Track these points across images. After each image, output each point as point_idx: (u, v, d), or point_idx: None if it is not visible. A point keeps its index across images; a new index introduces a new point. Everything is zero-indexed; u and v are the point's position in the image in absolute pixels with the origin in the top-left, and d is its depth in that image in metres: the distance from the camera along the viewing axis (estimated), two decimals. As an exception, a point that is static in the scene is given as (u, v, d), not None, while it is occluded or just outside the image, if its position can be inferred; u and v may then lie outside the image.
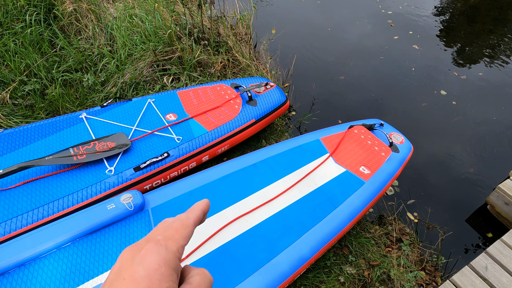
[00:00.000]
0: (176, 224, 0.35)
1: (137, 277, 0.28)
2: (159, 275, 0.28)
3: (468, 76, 4.07)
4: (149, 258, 0.29)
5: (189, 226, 0.35)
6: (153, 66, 3.05)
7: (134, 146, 2.18)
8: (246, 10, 4.38)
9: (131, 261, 0.30)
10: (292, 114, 3.46)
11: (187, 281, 0.33)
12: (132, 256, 0.30)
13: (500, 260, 2.02)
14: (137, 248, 0.31)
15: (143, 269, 0.29)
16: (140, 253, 0.30)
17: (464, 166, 3.08)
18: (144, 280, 0.28)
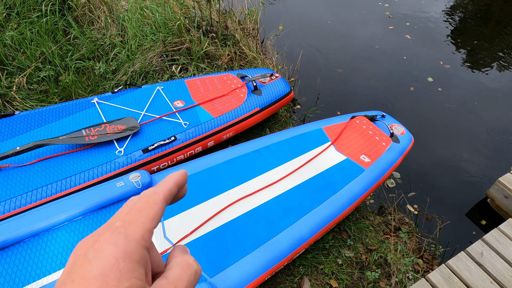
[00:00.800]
0: (140, 204, 0.28)
1: (88, 277, 0.23)
2: (116, 273, 0.23)
3: (478, 77, 4.09)
4: (104, 251, 0.23)
5: (156, 203, 0.28)
6: (162, 56, 3.14)
7: (143, 130, 2.27)
8: (254, 5, 4.46)
9: (83, 256, 0.24)
10: (297, 107, 3.53)
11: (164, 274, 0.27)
12: (86, 250, 0.24)
13: (496, 247, 2.07)
14: (93, 240, 0.25)
15: (95, 267, 0.23)
16: (94, 246, 0.24)
17: (467, 160, 3.12)
18: (97, 281, 0.22)
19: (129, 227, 0.25)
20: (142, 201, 0.28)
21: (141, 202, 0.28)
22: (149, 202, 0.28)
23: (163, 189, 0.30)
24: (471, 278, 1.91)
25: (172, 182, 0.31)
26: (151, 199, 0.29)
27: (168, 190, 0.31)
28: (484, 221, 2.70)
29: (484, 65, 4.23)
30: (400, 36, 4.63)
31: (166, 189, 0.30)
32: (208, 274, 1.68)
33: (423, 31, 4.74)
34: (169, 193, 0.30)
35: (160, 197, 0.29)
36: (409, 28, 4.81)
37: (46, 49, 2.93)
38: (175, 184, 0.32)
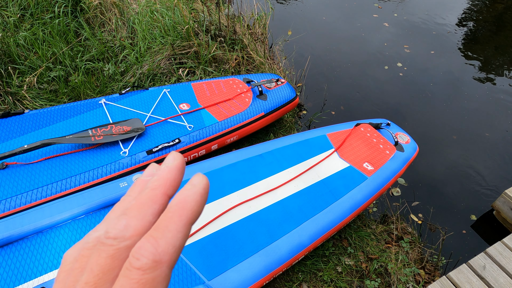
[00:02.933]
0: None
1: None
2: None
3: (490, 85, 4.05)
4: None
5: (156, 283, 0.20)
6: (170, 59, 3.18)
7: (148, 131, 2.30)
8: (263, 10, 4.49)
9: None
10: (302, 113, 3.53)
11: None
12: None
13: (499, 261, 2.04)
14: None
15: None
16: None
17: (473, 171, 3.09)
18: None
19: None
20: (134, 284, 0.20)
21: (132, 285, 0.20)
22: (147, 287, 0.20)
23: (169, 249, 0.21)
24: (472, 291, 1.88)
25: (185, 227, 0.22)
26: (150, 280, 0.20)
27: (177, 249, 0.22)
28: (489, 233, 2.66)
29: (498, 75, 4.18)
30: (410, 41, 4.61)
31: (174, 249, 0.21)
32: (207, 277, 1.69)
33: (436, 40, 4.72)
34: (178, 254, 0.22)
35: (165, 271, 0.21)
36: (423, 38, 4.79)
37: (57, 50, 2.99)
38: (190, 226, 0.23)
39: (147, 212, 0.23)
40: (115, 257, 0.21)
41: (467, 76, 4.17)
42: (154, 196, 0.23)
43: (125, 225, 0.22)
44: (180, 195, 0.23)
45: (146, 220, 0.22)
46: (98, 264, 0.21)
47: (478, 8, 5.47)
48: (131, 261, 0.20)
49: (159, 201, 0.23)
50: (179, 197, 0.23)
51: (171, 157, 0.26)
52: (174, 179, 0.24)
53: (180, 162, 0.25)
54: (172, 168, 0.25)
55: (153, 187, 0.24)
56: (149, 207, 0.23)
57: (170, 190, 0.24)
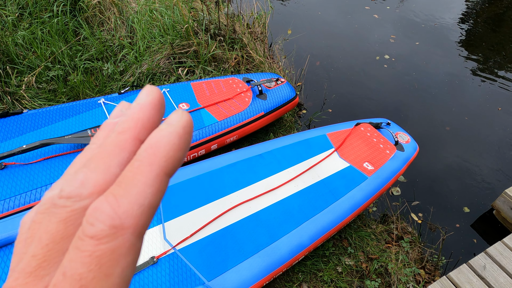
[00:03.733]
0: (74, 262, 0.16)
1: None
2: None
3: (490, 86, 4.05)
4: None
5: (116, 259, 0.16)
6: (169, 58, 3.17)
7: (147, 131, 2.29)
8: (263, 9, 4.48)
9: None
10: (302, 112, 3.53)
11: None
12: None
13: (500, 261, 2.04)
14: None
15: None
16: None
17: (473, 170, 3.08)
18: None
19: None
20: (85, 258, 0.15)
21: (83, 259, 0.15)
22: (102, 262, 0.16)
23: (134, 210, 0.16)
24: (472, 291, 1.88)
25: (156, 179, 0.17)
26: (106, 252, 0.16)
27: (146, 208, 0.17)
28: (489, 233, 2.66)
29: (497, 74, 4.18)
30: (411, 43, 4.60)
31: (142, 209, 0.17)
32: (207, 277, 1.69)
33: (435, 38, 4.71)
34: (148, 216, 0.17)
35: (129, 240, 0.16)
36: (419, 35, 4.78)
37: (56, 49, 2.97)
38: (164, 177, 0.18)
39: (112, 162, 0.18)
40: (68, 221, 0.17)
41: (466, 74, 4.16)
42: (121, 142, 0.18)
43: (82, 180, 0.17)
44: (152, 138, 0.18)
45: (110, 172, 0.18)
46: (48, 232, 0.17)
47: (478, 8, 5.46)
48: (84, 227, 0.16)
49: (128, 147, 0.18)
50: (150, 140, 0.18)
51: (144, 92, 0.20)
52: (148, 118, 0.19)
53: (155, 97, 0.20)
54: (145, 105, 0.19)
55: (121, 131, 0.19)
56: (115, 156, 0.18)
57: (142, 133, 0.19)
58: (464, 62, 4.35)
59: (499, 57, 4.48)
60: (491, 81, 4.07)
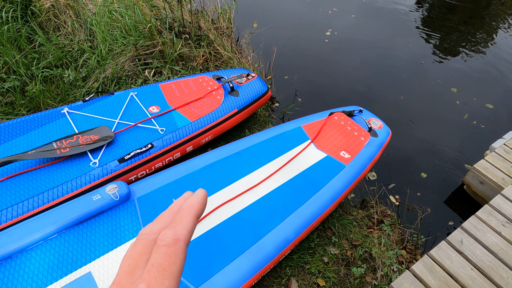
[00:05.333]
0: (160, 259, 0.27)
1: None
2: None
3: (452, 62, 4.20)
4: None
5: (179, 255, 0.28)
6: (134, 60, 3.05)
7: (117, 138, 2.19)
8: (227, 4, 4.40)
9: None
10: (275, 105, 3.51)
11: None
12: None
13: (475, 234, 2.13)
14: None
15: None
16: None
17: (442, 148, 3.20)
18: None
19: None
20: (162, 255, 0.27)
21: (161, 256, 0.27)
22: (171, 256, 0.28)
23: (183, 232, 0.29)
24: (452, 267, 1.95)
25: (192, 218, 0.31)
26: (172, 252, 0.28)
27: (189, 231, 0.30)
28: (462, 208, 2.78)
29: (457, 53, 4.34)
30: (373, 25, 4.69)
31: (187, 231, 0.30)
32: (194, 283, 1.65)
33: (398, 21, 4.82)
34: (190, 235, 0.30)
35: (182, 246, 0.29)
36: (382, 20, 4.88)
37: (9, 58, 2.78)
38: (196, 218, 0.32)
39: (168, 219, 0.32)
40: (146, 246, 0.29)
41: (427, 55, 4.30)
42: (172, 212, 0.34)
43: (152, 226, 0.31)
44: (188, 200, 0.33)
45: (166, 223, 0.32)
46: (136, 252, 0.29)
47: (434, -10, 5.64)
48: (159, 242, 0.28)
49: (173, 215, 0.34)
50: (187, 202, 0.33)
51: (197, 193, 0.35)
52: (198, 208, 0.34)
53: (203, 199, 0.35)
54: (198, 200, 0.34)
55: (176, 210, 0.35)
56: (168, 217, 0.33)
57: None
58: (424, 44, 4.49)
59: (455, 39, 4.66)
60: (447, 61, 4.22)
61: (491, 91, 3.86)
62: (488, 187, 2.62)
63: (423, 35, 4.65)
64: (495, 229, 2.16)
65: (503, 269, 1.97)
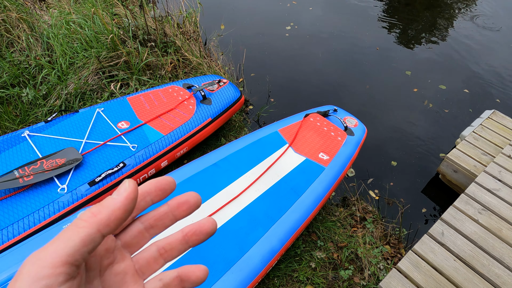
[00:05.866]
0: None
1: None
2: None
3: (418, 49, 4.30)
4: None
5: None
6: (98, 73, 2.90)
7: (86, 160, 2.07)
8: (192, 7, 4.29)
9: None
10: (249, 108, 3.46)
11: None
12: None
13: (454, 225, 2.18)
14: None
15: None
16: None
17: (416, 140, 3.27)
18: None
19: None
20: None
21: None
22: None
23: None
24: (436, 260, 1.98)
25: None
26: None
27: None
28: (439, 197, 2.84)
29: (418, 40, 4.45)
30: (332, 17, 4.73)
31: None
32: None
33: (356, 12, 4.89)
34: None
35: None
36: (345, 13, 4.93)
37: (-42, 80, 2.56)
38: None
39: None
40: None
41: (391, 45, 4.38)
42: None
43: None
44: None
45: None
46: None
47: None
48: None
49: None
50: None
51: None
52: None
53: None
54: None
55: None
56: None
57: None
58: (388, 34, 4.58)
59: (415, 28, 4.78)
60: (411, 49, 4.33)
61: (452, 75, 3.98)
62: (462, 175, 2.70)
63: (382, 24, 4.74)
64: (473, 218, 2.22)
65: (484, 256, 2.02)
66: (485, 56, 4.34)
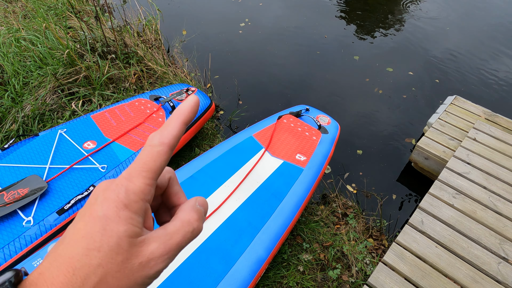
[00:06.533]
0: (144, 154, 0.30)
1: (95, 215, 0.27)
2: (116, 218, 0.27)
3: (372, 39, 4.40)
4: (109, 199, 0.27)
5: (160, 155, 0.30)
6: (57, 91, 2.73)
7: (52, 187, 1.93)
8: (151, 14, 4.16)
9: (95, 198, 0.28)
10: (220, 113, 3.40)
11: (164, 225, 0.30)
12: (100, 192, 0.28)
13: (432, 212, 2.24)
14: (107, 185, 0.29)
15: (101, 209, 0.27)
16: (104, 192, 0.28)
17: (386, 131, 3.34)
18: (101, 220, 0.27)
19: (131, 181, 0.28)
20: (146, 152, 0.30)
21: (144, 153, 0.30)
22: (153, 154, 0.30)
23: (168, 136, 0.31)
24: (419, 248, 2.03)
25: (180, 124, 0.32)
26: (155, 151, 0.30)
27: (174, 136, 0.31)
28: (414, 184, 2.92)
29: (368, 32, 4.57)
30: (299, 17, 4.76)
31: (171, 136, 0.31)
32: (170, 334, 1.50)
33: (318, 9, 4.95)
34: (175, 140, 0.31)
35: (165, 149, 0.30)
36: (305, 8, 4.97)
37: None
38: (183, 124, 0.32)
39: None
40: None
41: (351, 37, 4.47)
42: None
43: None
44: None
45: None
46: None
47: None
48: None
49: None
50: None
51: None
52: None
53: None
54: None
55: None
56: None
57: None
58: (346, 26, 4.67)
59: (373, 19, 4.91)
60: (370, 40, 4.44)
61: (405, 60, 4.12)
62: (433, 161, 2.78)
63: (336, 14, 4.83)
64: (448, 203, 2.29)
65: (462, 239, 2.09)
66: (439, 43, 4.53)
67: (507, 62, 4.26)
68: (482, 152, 2.65)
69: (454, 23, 4.97)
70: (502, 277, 1.91)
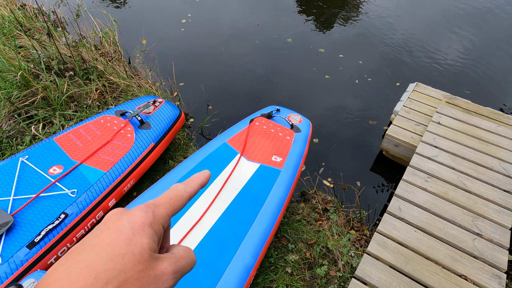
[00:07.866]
0: (170, 193, 0.35)
1: (121, 228, 0.30)
2: (141, 231, 0.30)
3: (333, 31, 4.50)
4: (136, 215, 0.31)
5: (183, 198, 0.36)
6: (13, 116, 2.56)
7: (19, 220, 1.80)
8: (107, 26, 4.01)
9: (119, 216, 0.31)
10: (190, 122, 3.34)
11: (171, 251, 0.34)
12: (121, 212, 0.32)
13: (408, 198, 2.31)
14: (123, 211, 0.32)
15: (128, 222, 0.30)
16: (129, 211, 0.32)
17: (353, 121, 3.42)
18: (128, 231, 0.29)
19: (157, 207, 0.33)
20: (173, 193, 0.36)
21: (172, 193, 0.36)
22: (178, 196, 0.35)
23: (191, 188, 0.37)
24: (400, 235, 2.08)
25: (199, 184, 0.39)
26: (180, 194, 0.36)
27: (194, 191, 0.37)
28: (388, 172, 3.01)
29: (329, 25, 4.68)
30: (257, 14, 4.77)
31: (193, 190, 0.37)
32: None
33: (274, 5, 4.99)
34: (194, 193, 0.37)
35: (186, 195, 0.36)
36: (262, 5, 4.99)
37: None
38: (200, 186, 0.39)
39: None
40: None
41: (309, 30, 4.54)
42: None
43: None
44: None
45: None
46: None
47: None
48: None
49: None
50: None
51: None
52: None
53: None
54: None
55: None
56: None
57: None
58: (304, 20, 4.74)
59: (330, 12, 5.02)
60: (329, 32, 4.54)
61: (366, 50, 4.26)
62: (403, 148, 2.88)
63: (298, 12, 4.90)
64: (422, 187, 2.37)
65: (438, 221, 2.17)
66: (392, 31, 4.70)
67: (454, 45, 4.49)
68: (447, 134, 2.77)
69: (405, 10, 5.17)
70: (478, 253, 2.00)
